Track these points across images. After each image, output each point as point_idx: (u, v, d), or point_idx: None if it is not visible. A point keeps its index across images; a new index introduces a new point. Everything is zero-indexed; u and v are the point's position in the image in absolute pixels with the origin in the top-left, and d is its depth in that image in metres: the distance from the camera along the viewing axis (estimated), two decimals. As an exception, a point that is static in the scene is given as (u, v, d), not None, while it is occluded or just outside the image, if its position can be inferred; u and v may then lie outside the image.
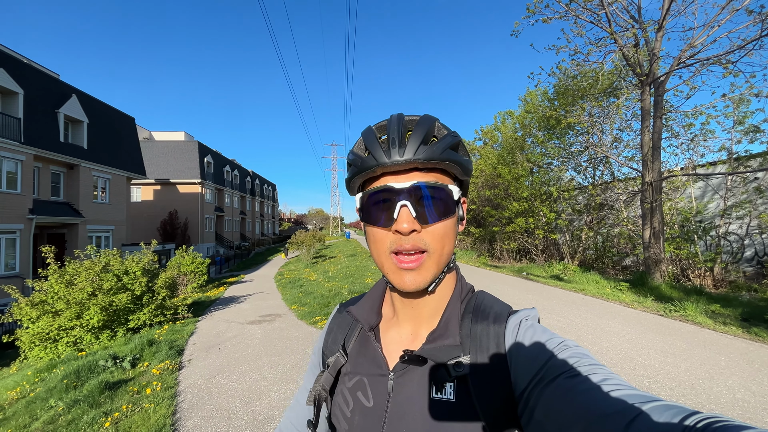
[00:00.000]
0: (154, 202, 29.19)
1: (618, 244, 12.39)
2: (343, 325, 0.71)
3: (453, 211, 0.56)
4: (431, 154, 0.53)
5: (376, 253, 0.57)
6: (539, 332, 0.54)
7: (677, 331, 5.34)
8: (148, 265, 7.96)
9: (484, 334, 0.56)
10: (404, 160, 0.52)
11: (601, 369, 0.45)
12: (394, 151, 0.53)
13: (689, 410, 0.35)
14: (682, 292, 7.62)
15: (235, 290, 13.01)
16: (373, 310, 0.66)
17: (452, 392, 0.53)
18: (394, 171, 0.54)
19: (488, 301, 0.62)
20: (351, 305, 0.70)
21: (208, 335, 6.67)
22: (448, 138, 0.56)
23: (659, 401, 0.37)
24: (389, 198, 0.54)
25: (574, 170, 14.41)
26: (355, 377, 0.62)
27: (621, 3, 8.66)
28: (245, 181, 44.25)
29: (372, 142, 0.55)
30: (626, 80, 10.63)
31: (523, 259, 15.51)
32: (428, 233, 0.54)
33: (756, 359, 4.23)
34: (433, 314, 0.61)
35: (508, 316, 0.58)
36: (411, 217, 0.53)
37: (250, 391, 4.06)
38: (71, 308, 6.58)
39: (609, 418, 0.37)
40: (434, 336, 0.57)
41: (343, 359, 0.64)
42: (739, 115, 9.52)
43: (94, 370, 4.93)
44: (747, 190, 9.10)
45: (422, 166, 0.54)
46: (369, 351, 0.63)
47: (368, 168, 0.54)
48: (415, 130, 0.54)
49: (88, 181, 16.93)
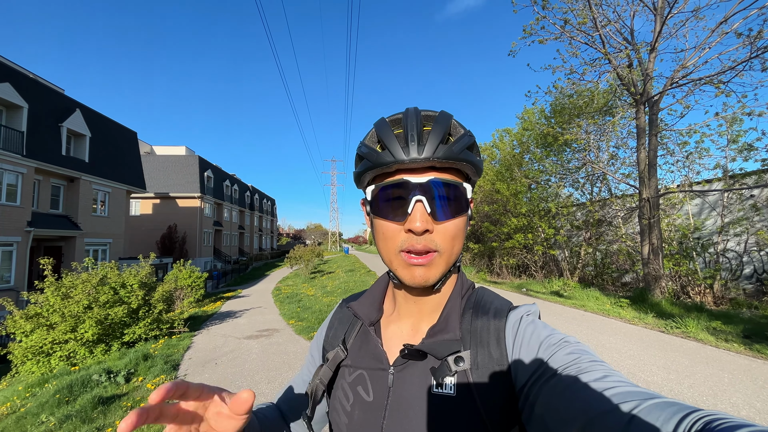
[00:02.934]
0: (153, 216, 29.16)
1: (617, 260, 12.38)
2: (344, 320, 0.71)
3: (465, 209, 0.55)
4: (450, 154, 0.52)
5: (385, 249, 0.56)
6: (540, 328, 0.54)
7: (679, 348, 5.29)
8: (146, 278, 7.90)
9: (484, 330, 0.56)
10: (423, 158, 0.51)
11: (602, 365, 0.45)
12: (413, 147, 0.52)
13: (689, 407, 0.34)
14: (683, 308, 7.58)
15: (232, 305, 12.87)
16: (373, 306, 0.67)
17: (452, 387, 0.53)
18: (410, 168, 0.53)
19: (489, 296, 0.62)
20: (352, 301, 0.70)
21: (204, 350, 6.57)
22: (465, 138, 0.55)
23: (659, 398, 0.37)
24: (404, 193, 0.53)
25: (572, 186, 14.53)
26: (356, 372, 0.62)
27: (614, 26, 8.95)
28: (245, 195, 44.36)
29: (388, 136, 0.54)
30: (621, 99, 10.86)
31: (522, 275, 15.43)
32: (439, 234, 0.53)
33: (759, 376, 4.18)
34: (435, 310, 0.61)
35: (509, 312, 0.58)
36: (425, 214, 0.52)
37: (246, 406, 3.98)
38: (66, 321, 6.49)
39: (609, 415, 0.37)
40: (434, 331, 0.57)
41: (342, 354, 0.64)
42: (732, 134, 9.69)
43: (88, 384, 4.83)
44: (743, 207, 9.18)
45: (439, 165, 0.53)
46: (369, 346, 0.63)
47: (384, 164, 0.53)
48: (434, 128, 0.53)
49: (87, 194, 16.97)
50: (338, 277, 19.44)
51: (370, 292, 0.70)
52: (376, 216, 0.57)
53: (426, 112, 0.57)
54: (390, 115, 0.59)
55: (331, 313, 0.76)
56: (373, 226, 0.59)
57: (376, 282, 0.72)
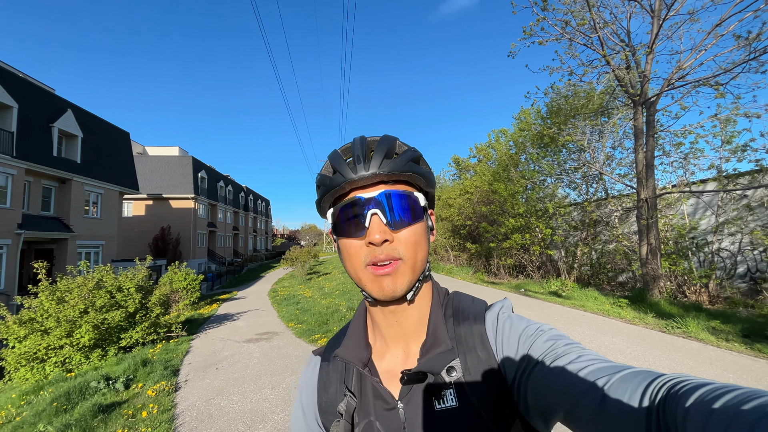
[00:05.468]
0: (146, 217, 28.77)
1: (613, 260, 12.48)
2: (338, 370, 0.66)
3: (421, 216, 0.58)
4: (395, 167, 0.56)
5: (351, 267, 0.57)
6: (516, 322, 0.57)
7: (682, 348, 5.33)
8: (143, 281, 7.77)
9: (468, 335, 0.58)
10: (370, 173, 0.55)
11: (575, 347, 0.48)
12: (360, 167, 0.56)
13: (654, 374, 0.37)
14: (681, 308, 7.65)
15: (228, 307, 12.73)
16: (360, 345, 0.65)
17: (453, 398, 0.54)
18: (361, 185, 0.57)
19: (465, 301, 0.64)
20: (336, 348, 0.67)
21: (203, 354, 6.47)
22: (408, 152, 0.59)
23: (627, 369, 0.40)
24: (359, 211, 0.56)
25: (568, 187, 14.64)
26: (365, 420, 0.60)
27: (611, 27, 9.01)
28: (239, 196, 44.01)
29: (339, 163, 0.58)
30: (618, 100, 10.95)
31: (519, 275, 15.49)
32: (400, 242, 0.55)
33: (763, 376, 4.22)
34: (419, 326, 0.61)
35: (486, 312, 0.60)
36: (382, 225, 0.55)
37: (252, 413, 3.91)
38: (62, 326, 6.34)
39: (585, 395, 0.40)
40: (426, 347, 0.58)
41: (354, 402, 0.61)
42: (726, 135, 9.83)
43: (86, 392, 4.71)
44: (737, 207, 9.30)
45: (387, 179, 0.57)
46: (368, 389, 0.61)
47: (337, 185, 0.57)
48: (378, 148, 0.58)
49: (80, 195, 16.66)
50: (335, 278, 19.37)
51: (351, 331, 0.68)
52: (339, 237, 0.59)
53: (372, 138, 0.61)
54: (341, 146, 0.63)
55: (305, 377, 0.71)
56: (339, 249, 0.61)
57: (353, 319, 0.71)
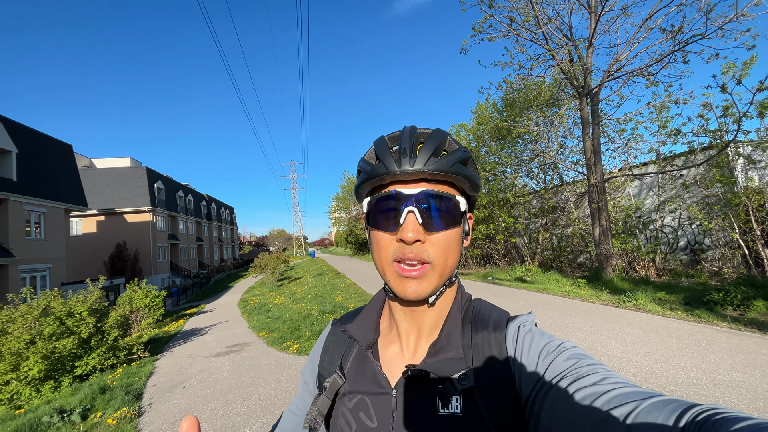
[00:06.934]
0: (99, 234, 26.88)
1: (572, 243, 13.22)
2: (340, 343, 0.68)
3: (459, 222, 0.56)
4: (441, 167, 0.54)
5: (378, 259, 0.57)
6: (537, 336, 0.54)
7: (632, 320, 5.75)
8: (96, 303, 7.28)
9: (485, 344, 0.56)
10: (414, 170, 0.53)
11: (600, 368, 0.45)
12: (404, 161, 0.54)
13: (688, 403, 0.35)
14: (632, 283, 8.25)
15: (196, 322, 12.20)
16: (369, 327, 0.65)
17: (459, 406, 0.52)
18: (403, 180, 0.55)
19: (486, 309, 0.62)
20: (347, 323, 0.68)
21: (169, 374, 6.18)
22: (458, 152, 0.56)
23: (658, 396, 0.37)
24: (396, 204, 0.54)
25: (527, 176, 15.29)
26: (356, 397, 0.59)
27: (554, 23, 9.50)
28: (200, 205, 42.17)
29: (384, 152, 0.56)
30: (566, 92, 11.57)
31: (487, 264, 16.03)
32: (432, 244, 0.54)
33: (701, 339, 4.65)
34: (434, 327, 0.60)
35: (507, 323, 0.58)
36: (417, 225, 0.53)
37: (222, 429, 3.80)
38: (5, 360, 5.83)
39: (610, 420, 0.37)
40: (436, 349, 0.57)
41: (340, 380, 0.62)
42: (662, 120, 10.70)
43: (37, 428, 4.37)
44: (675, 186, 10.14)
45: (431, 178, 0.55)
46: (368, 369, 0.61)
47: (377, 176, 0.55)
48: (427, 143, 0.55)
49: (18, 215, 15.28)
50: (307, 282, 19.07)
51: (365, 311, 0.68)
52: (372, 227, 0.58)
53: (422, 130, 0.59)
54: (389, 133, 0.61)
55: (323, 334, 0.73)
56: (369, 238, 0.60)
57: (371, 300, 0.70)
